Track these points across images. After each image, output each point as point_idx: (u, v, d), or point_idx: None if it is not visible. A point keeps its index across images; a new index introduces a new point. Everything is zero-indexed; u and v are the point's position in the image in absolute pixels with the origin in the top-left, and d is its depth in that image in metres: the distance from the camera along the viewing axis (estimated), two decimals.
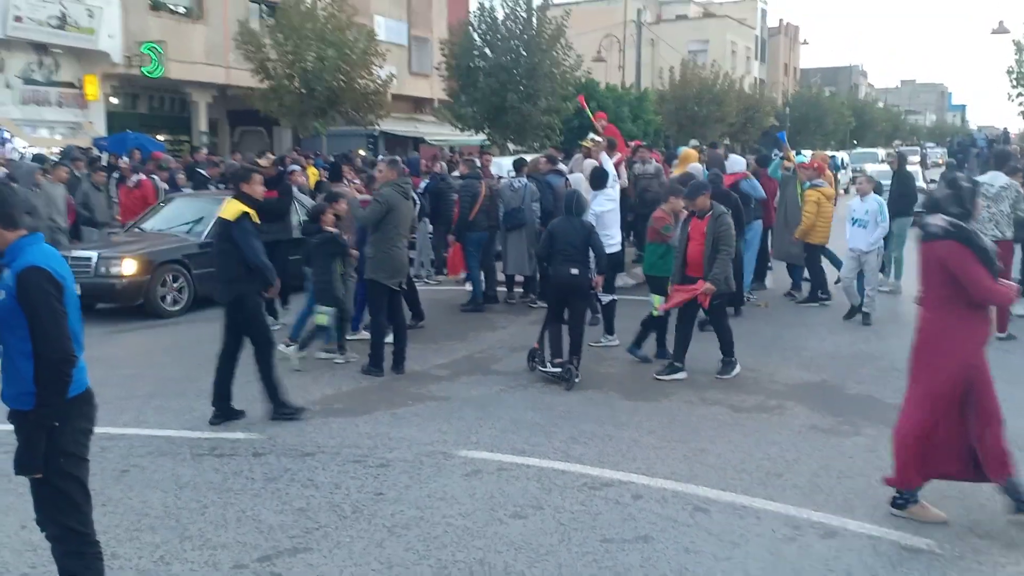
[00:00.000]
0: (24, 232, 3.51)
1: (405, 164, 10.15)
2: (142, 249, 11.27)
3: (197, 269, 11.27)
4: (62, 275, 3.48)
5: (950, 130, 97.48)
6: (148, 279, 10.92)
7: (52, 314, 3.38)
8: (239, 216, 6.61)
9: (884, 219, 10.29)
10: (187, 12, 25.54)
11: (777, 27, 72.21)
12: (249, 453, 6.11)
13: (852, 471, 5.76)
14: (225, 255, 6.68)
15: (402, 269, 8.47)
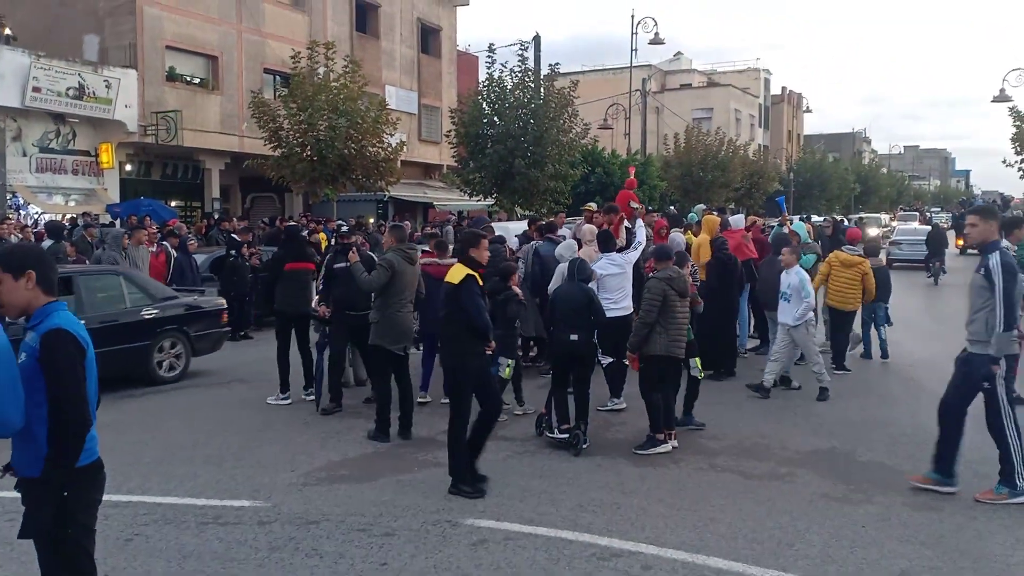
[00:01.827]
0: (54, 299, 3.56)
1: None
2: None
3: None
4: (86, 340, 3.51)
5: (954, 195, 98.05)
6: None
7: (74, 377, 3.40)
8: (464, 278, 6.74)
9: (808, 294, 9.75)
10: (202, 83, 26.15)
11: (780, 95, 73.36)
12: (254, 522, 6.05)
13: (864, 540, 5.67)
14: (450, 318, 6.79)
15: (406, 334, 8.50)
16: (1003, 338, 6.27)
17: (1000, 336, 6.26)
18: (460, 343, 6.75)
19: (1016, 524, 5.95)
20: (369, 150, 23.12)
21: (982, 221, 6.58)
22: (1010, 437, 6.43)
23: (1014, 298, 6.27)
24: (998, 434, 6.48)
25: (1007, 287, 6.22)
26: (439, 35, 36.80)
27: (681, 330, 7.89)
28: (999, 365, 6.33)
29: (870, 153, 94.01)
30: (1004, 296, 6.22)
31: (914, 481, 6.73)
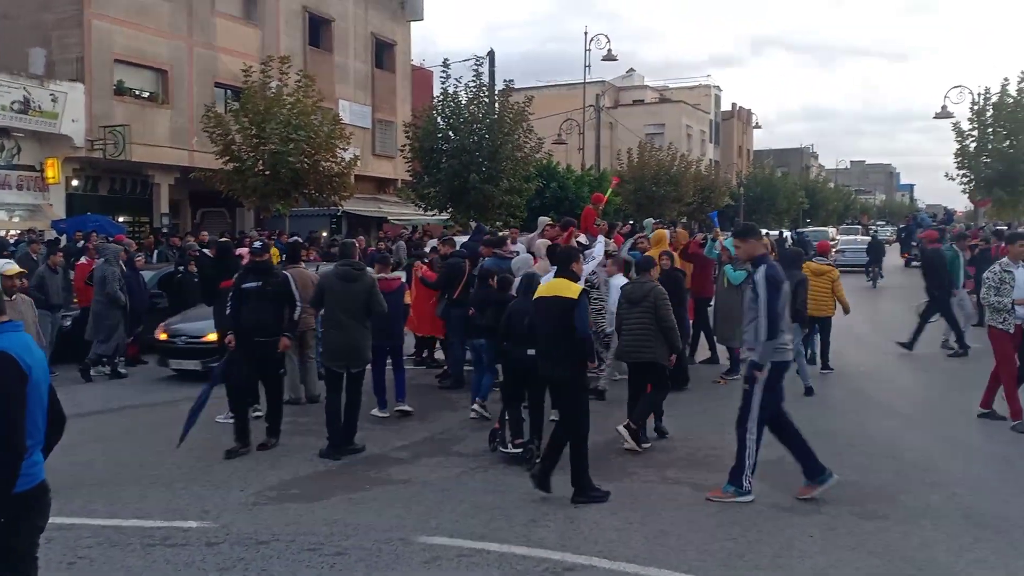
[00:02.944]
0: (5, 319, 3.46)
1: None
2: None
3: None
4: (29, 364, 3.41)
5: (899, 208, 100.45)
6: None
7: (6, 402, 3.30)
8: (583, 293, 6.89)
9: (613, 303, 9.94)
10: (152, 96, 25.78)
11: (730, 111, 74.55)
12: (202, 543, 5.95)
13: (813, 550, 5.76)
14: (563, 334, 6.76)
15: (341, 352, 8.36)
16: (767, 346, 6.59)
17: (765, 344, 6.58)
18: (574, 356, 6.85)
19: (960, 532, 6.09)
20: (322, 165, 22.98)
21: (743, 242, 6.99)
22: (749, 441, 6.74)
23: (777, 309, 6.58)
24: (740, 434, 6.78)
25: (771, 299, 6.55)
26: (393, 50, 36.76)
27: (633, 335, 8.18)
28: (762, 371, 6.64)
29: (817, 168, 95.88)
30: (768, 308, 6.54)
31: (712, 497, 6.82)
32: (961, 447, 8.46)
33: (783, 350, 6.75)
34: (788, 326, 6.90)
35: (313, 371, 10.81)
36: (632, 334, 8.33)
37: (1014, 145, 27.99)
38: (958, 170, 30.35)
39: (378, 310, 8.50)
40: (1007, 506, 6.62)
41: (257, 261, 8.62)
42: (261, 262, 8.60)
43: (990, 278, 9.15)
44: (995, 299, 9.04)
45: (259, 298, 8.32)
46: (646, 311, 8.24)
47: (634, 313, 8.32)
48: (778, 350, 6.68)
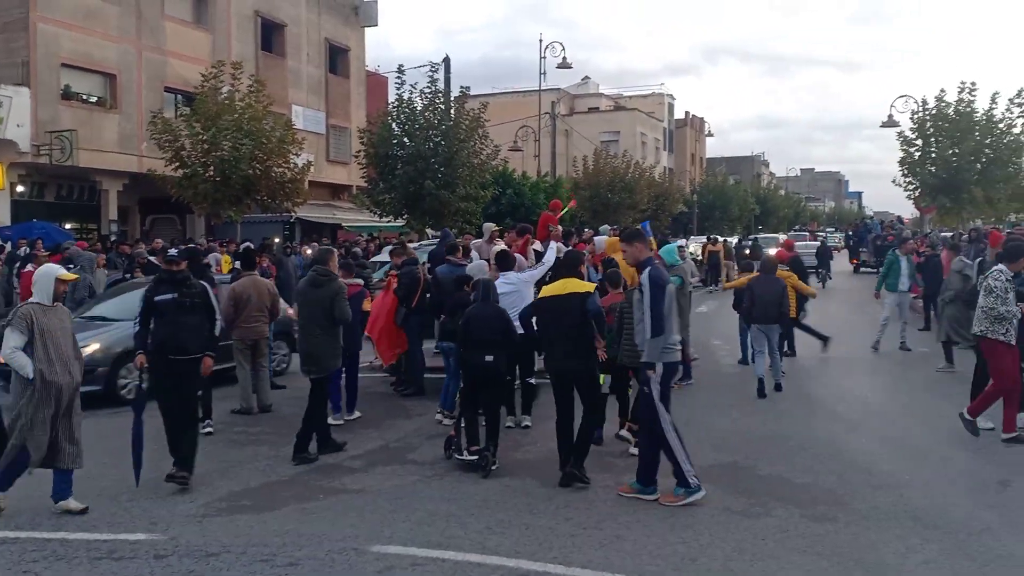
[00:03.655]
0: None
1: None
2: None
3: None
4: None
5: (848, 215, 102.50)
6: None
7: None
8: (595, 288, 7.36)
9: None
10: (100, 101, 25.31)
11: (683, 119, 75.42)
12: (150, 556, 5.82)
13: (764, 553, 5.82)
14: (577, 328, 7.24)
15: (303, 357, 8.47)
16: (654, 344, 6.80)
17: (651, 343, 6.80)
18: (590, 349, 7.34)
19: (908, 533, 6.20)
20: (275, 170, 22.77)
21: (629, 246, 7.29)
22: (671, 440, 6.86)
23: (662, 309, 6.79)
24: (659, 440, 6.90)
25: (654, 298, 6.78)
26: (347, 55, 36.56)
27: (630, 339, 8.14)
28: (654, 370, 6.84)
29: (769, 176, 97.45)
30: (652, 307, 6.77)
31: (621, 492, 7.05)
32: (908, 449, 8.63)
33: (671, 350, 6.94)
34: (676, 327, 7.08)
35: (266, 380, 10.69)
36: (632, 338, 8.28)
37: (956, 154, 28.70)
38: (903, 177, 31.03)
39: (341, 317, 8.40)
40: (954, 507, 6.76)
41: (173, 271, 7.70)
42: (177, 272, 7.68)
43: (996, 287, 8.54)
44: (1003, 309, 8.46)
45: (176, 312, 7.47)
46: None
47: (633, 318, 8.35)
48: (667, 350, 6.88)
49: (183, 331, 7.45)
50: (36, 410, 6.45)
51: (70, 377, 6.62)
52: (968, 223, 31.77)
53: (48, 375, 6.46)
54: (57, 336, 6.58)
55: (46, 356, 6.47)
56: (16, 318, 6.51)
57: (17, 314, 6.56)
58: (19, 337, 6.43)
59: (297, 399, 11.09)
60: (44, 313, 6.57)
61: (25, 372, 6.41)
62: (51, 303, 6.67)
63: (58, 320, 6.69)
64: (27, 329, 6.44)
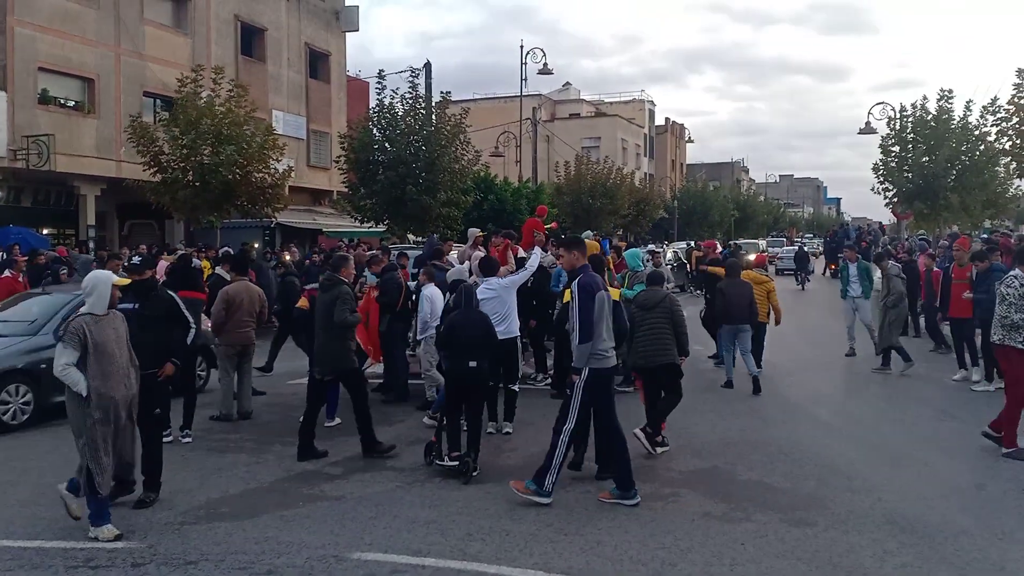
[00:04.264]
0: None
1: None
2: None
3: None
4: None
5: (826, 221, 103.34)
6: None
7: None
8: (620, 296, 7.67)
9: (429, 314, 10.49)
10: (77, 106, 25.10)
11: (664, 126, 75.78)
12: (128, 564, 5.78)
13: (744, 558, 5.85)
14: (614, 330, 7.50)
15: (315, 358, 8.67)
16: (581, 350, 6.92)
17: (579, 349, 6.93)
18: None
19: (885, 537, 6.25)
20: (255, 176, 22.66)
21: (567, 252, 7.43)
22: (560, 444, 6.98)
23: (591, 316, 6.90)
24: (554, 437, 7.03)
25: (583, 306, 6.91)
26: (328, 60, 36.47)
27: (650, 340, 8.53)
28: (578, 375, 6.96)
29: (748, 182, 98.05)
30: (580, 314, 6.91)
31: (602, 498, 7.09)
32: (885, 454, 8.70)
33: (602, 356, 7.02)
34: (609, 334, 7.14)
35: (248, 387, 10.62)
36: (648, 339, 8.58)
37: (933, 160, 29.00)
38: (880, 183, 31.29)
39: (337, 320, 8.48)
40: (930, 511, 6.83)
41: (136, 280, 7.34)
42: (141, 281, 7.32)
43: (1009, 294, 8.44)
44: (1017, 317, 8.35)
45: (137, 323, 7.05)
46: (661, 316, 8.62)
47: (648, 319, 8.63)
48: (597, 356, 6.97)
49: (141, 345, 6.90)
50: (95, 429, 6.16)
51: (126, 390, 6.36)
52: (945, 229, 32.11)
53: (103, 390, 6.18)
54: (111, 347, 6.28)
55: (100, 371, 6.18)
56: (68, 333, 6.21)
57: (69, 328, 6.24)
58: (72, 353, 6.15)
59: (277, 406, 11.08)
60: (97, 323, 6.27)
61: (79, 389, 6.13)
62: (105, 311, 6.36)
63: (112, 329, 6.37)
64: (80, 344, 6.16)
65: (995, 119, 26.66)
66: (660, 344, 8.57)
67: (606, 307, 7.05)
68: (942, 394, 11.80)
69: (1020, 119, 25.05)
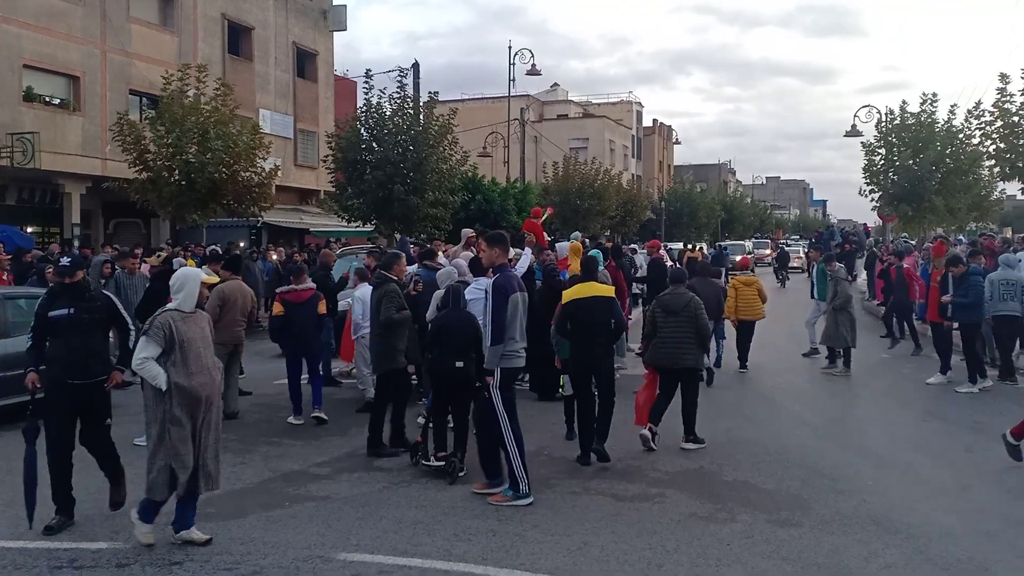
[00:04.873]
0: None
1: None
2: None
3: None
4: None
5: (812, 223, 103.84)
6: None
7: None
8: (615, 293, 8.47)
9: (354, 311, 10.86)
10: (63, 103, 24.94)
11: (651, 127, 75.92)
12: (112, 564, 5.75)
13: (729, 558, 5.87)
14: (603, 324, 8.21)
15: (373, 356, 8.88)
16: (493, 351, 7.00)
17: (491, 349, 7.01)
18: (611, 343, 8.45)
19: (870, 538, 6.29)
20: (241, 175, 22.55)
21: (488, 248, 7.52)
22: (509, 445, 7.04)
23: (503, 317, 6.98)
24: (497, 442, 7.11)
25: (496, 306, 7.00)
26: (315, 59, 36.36)
27: (674, 343, 8.81)
28: (492, 376, 7.03)
29: (735, 183, 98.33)
30: (493, 314, 6.99)
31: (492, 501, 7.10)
32: (870, 455, 8.75)
33: (513, 356, 7.12)
34: (521, 335, 7.22)
35: (235, 387, 10.58)
36: (672, 342, 8.82)
37: (918, 163, 29.15)
38: (866, 186, 31.43)
39: (382, 318, 8.57)
40: (914, 512, 6.87)
41: (67, 284, 6.63)
42: (72, 284, 6.62)
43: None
44: None
45: (72, 330, 6.45)
46: (686, 320, 8.81)
47: (672, 323, 8.85)
48: (508, 356, 7.07)
49: (81, 351, 6.44)
50: (176, 428, 5.91)
51: (210, 390, 6.10)
52: (930, 232, 32.29)
53: (188, 388, 5.92)
54: (198, 345, 6.05)
55: (185, 368, 5.93)
56: (153, 328, 5.96)
57: (154, 323, 5.99)
58: (154, 348, 5.91)
59: (263, 406, 11.05)
60: (183, 320, 6.05)
61: (158, 383, 5.87)
62: (192, 310, 6.15)
63: (198, 328, 6.14)
64: (164, 340, 5.92)
65: (979, 123, 26.82)
66: (684, 348, 8.83)
67: (520, 308, 7.16)
68: (926, 395, 11.88)
69: (1004, 123, 25.20)
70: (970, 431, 9.79)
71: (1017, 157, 24.86)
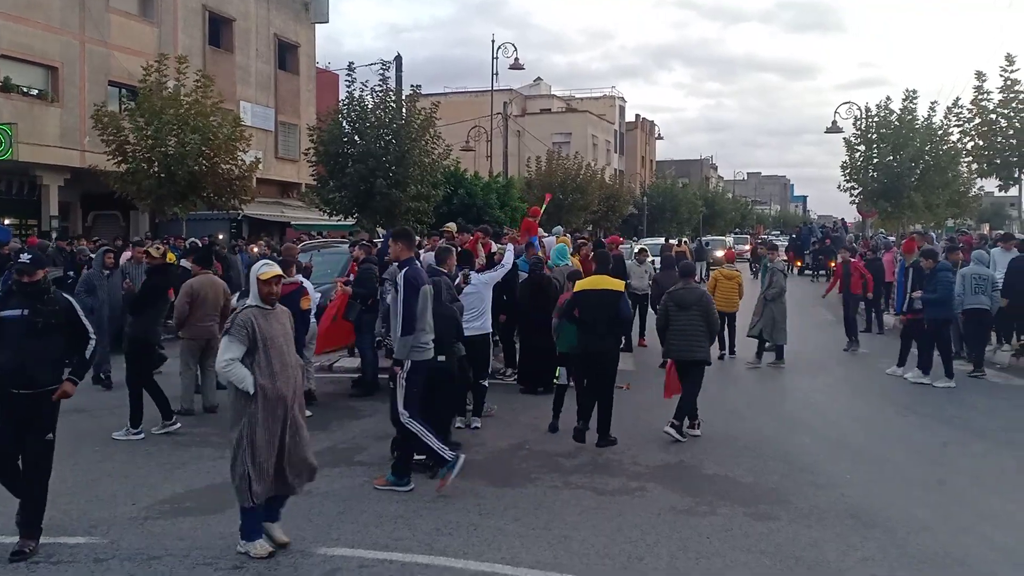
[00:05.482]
0: None
1: None
2: None
3: None
4: None
5: (793, 219, 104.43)
6: None
7: None
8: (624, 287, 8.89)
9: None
10: (41, 94, 24.66)
11: (634, 122, 76.06)
12: (90, 559, 5.70)
13: (709, 551, 5.91)
14: (610, 316, 8.60)
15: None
16: (403, 342, 7.09)
17: (400, 341, 7.11)
18: (617, 335, 9.00)
19: (848, 531, 6.34)
20: (222, 167, 22.41)
21: (393, 244, 7.62)
22: (417, 431, 7.08)
23: (414, 309, 7.09)
24: (404, 431, 7.17)
25: (407, 299, 7.10)
26: (297, 51, 36.16)
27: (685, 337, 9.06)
28: (401, 367, 7.12)
29: (716, 179, 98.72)
30: (404, 306, 7.09)
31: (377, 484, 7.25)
32: (848, 449, 8.83)
33: (423, 349, 7.22)
34: (430, 327, 7.32)
35: (213, 380, 10.50)
36: (684, 335, 9.08)
37: (898, 160, 29.40)
38: (846, 182, 31.66)
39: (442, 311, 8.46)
40: (891, 505, 6.94)
41: (24, 283, 6.05)
42: (31, 284, 6.05)
43: None
44: None
45: (23, 333, 5.89)
46: (697, 314, 9.04)
47: (684, 317, 9.08)
48: (418, 348, 7.17)
49: (31, 358, 5.87)
50: (261, 431, 5.65)
51: (294, 390, 5.86)
52: (909, 227, 32.57)
53: (271, 390, 5.67)
54: (280, 342, 5.79)
55: (269, 368, 5.68)
56: (235, 326, 5.70)
57: (236, 321, 5.74)
58: (238, 347, 5.65)
59: None
60: (264, 317, 5.78)
61: (245, 386, 5.62)
62: (271, 306, 5.89)
63: (280, 325, 5.87)
64: (247, 338, 5.66)
65: (957, 120, 27.08)
66: (695, 341, 9.07)
67: (429, 301, 7.26)
68: (904, 390, 11.98)
69: (982, 120, 25.45)
70: (946, 425, 9.90)
71: (995, 154, 25.14)
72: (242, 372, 5.63)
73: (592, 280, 8.88)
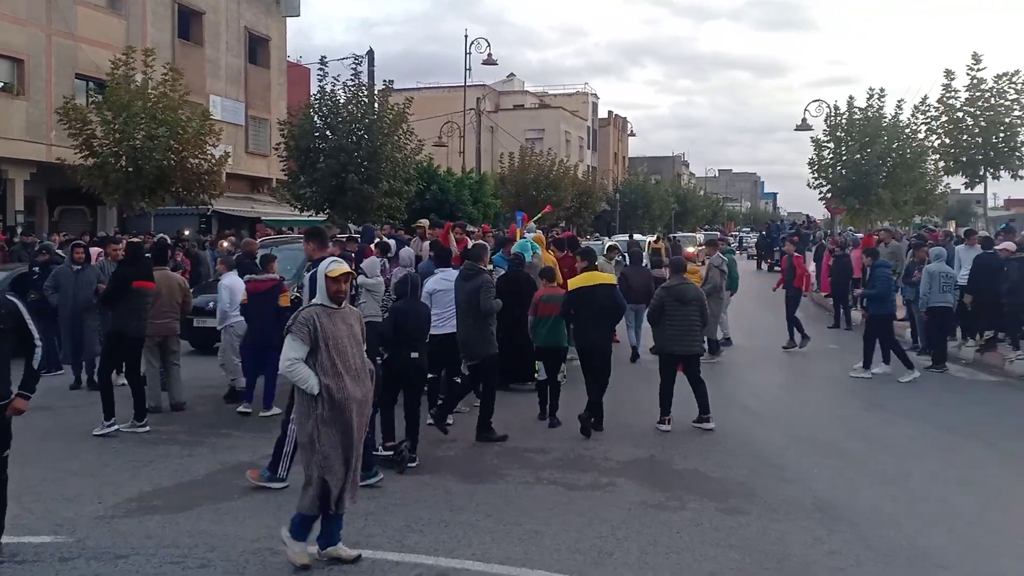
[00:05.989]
0: None
1: None
2: None
3: None
4: None
5: (763, 216, 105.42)
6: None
7: None
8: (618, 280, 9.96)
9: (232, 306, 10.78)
10: (6, 87, 24.26)
11: (607, 119, 76.26)
12: (55, 559, 5.62)
13: (678, 546, 5.95)
14: (605, 309, 9.15)
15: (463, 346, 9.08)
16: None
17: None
18: (611, 327, 9.81)
19: (815, 525, 6.42)
20: (191, 161, 22.17)
21: (307, 244, 7.70)
22: (291, 433, 6.93)
23: None
24: (283, 427, 7.17)
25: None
26: (268, 45, 35.85)
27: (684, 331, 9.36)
28: None
29: (688, 176, 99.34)
30: None
31: (250, 478, 7.20)
32: (814, 443, 8.93)
33: None
34: None
35: (178, 377, 10.39)
36: (683, 330, 9.39)
37: (866, 157, 29.68)
38: (814, 179, 31.92)
39: (484, 308, 8.80)
40: (857, 499, 7.03)
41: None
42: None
43: None
44: None
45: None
46: (695, 310, 9.40)
47: (683, 311, 9.37)
48: None
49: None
50: (327, 435, 5.43)
51: (362, 392, 5.58)
52: (876, 224, 32.91)
53: (337, 392, 5.42)
54: (345, 343, 5.51)
55: (333, 369, 5.42)
56: (297, 324, 5.47)
57: (298, 319, 5.51)
58: (300, 347, 5.42)
59: (212, 398, 10.87)
60: (329, 316, 5.52)
61: (309, 387, 5.40)
62: (338, 305, 5.64)
63: (346, 325, 5.58)
64: (309, 337, 5.42)
65: (925, 118, 27.39)
66: (693, 335, 9.48)
67: None
68: (870, 385, 12.13)
69: (948, 118, 25.78)
70: (912, 420, 10.04)
71: (961, 152, 25.47)
72: (305, 372, 5.42)
73: (585, 277, 9.32)
